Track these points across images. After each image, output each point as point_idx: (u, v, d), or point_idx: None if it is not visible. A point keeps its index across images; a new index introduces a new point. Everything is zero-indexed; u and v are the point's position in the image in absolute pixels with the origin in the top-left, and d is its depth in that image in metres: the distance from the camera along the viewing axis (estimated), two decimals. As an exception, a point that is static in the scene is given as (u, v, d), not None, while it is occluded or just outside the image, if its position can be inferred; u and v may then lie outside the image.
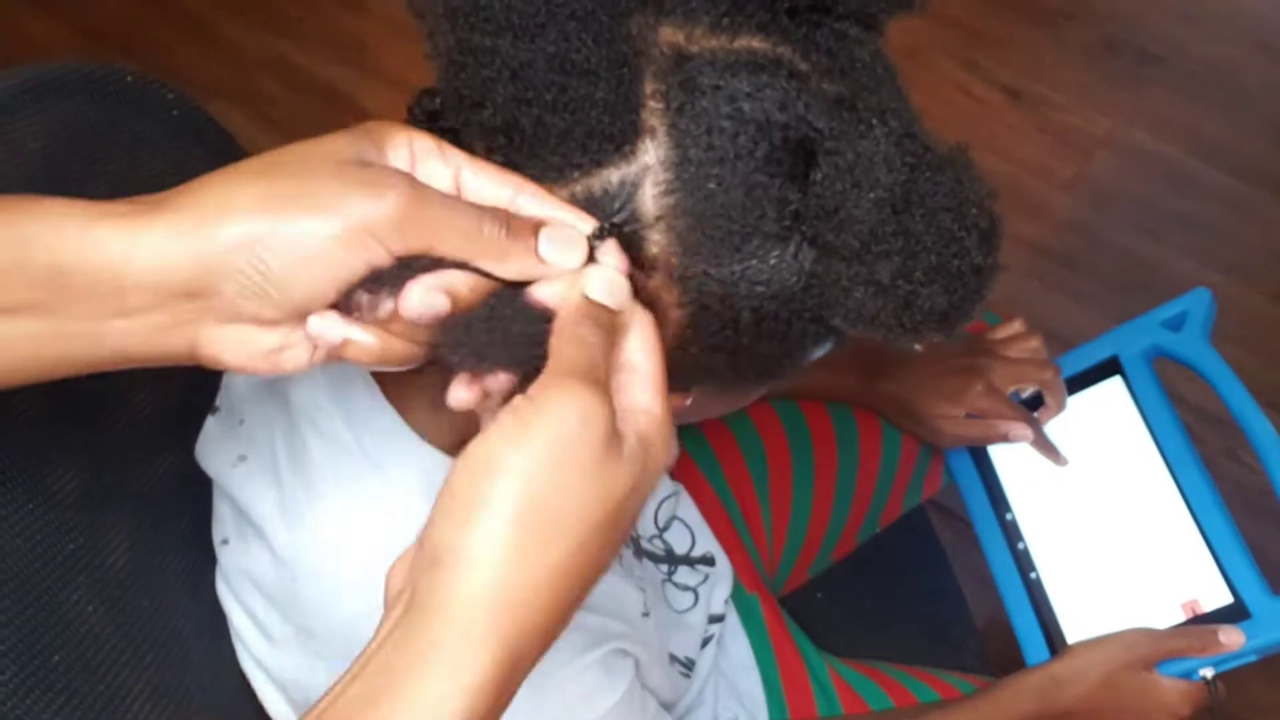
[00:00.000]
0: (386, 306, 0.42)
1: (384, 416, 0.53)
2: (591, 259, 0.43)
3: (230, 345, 0.42)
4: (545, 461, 0.38)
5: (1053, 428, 0.88)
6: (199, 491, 0.63)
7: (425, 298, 0.42)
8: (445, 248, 0.41)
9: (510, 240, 0.42)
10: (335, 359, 0.44)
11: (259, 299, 0.40)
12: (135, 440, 0.63)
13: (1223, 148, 1.66)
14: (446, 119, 0.47)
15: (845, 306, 0.45)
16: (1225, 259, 1.58)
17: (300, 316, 0.42)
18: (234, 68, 1.78)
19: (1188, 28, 1.77)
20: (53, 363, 0.42)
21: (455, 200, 0.42)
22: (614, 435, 0.40)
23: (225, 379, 0.63)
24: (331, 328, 0.42)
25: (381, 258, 0.40)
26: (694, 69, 0.43)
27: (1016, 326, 0.92)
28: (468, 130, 0.45)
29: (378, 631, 0.40)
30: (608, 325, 0.42)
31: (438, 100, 0.47)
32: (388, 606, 0.40)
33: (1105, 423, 0.86)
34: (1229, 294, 1.48)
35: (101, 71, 0.65)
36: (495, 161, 0.45)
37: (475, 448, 0.39)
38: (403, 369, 0.44)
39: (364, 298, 0.42)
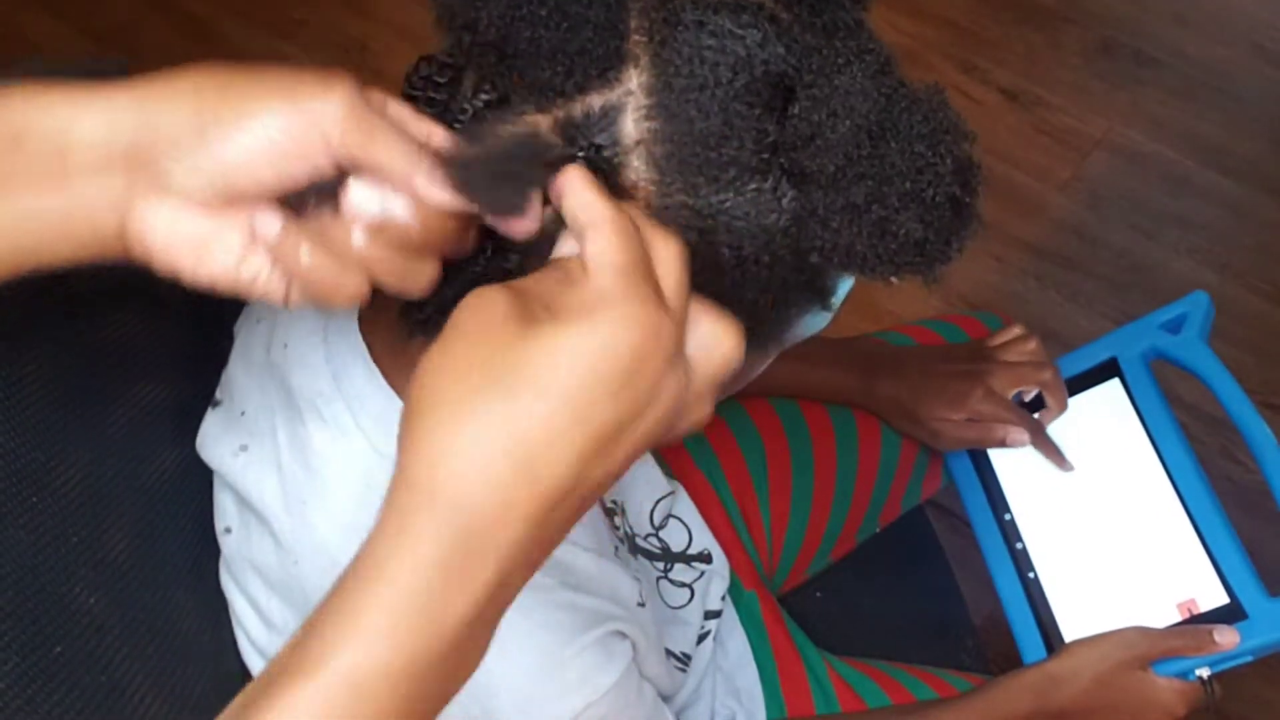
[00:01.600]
0: (332, 237, 0.42)
1: (383, 400, 0.54)
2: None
3: (160, 226, 0.41)
4: (461, 338, 0.39)
5: (1052, 429, 0.88)
6: (201, 485, 0.63)
7: (364, 194, 0.42)
8: (384, 158, 0.42)
9: None
10: (273, 291, 0.43)
11: (194, 170, 0.40)
12: (138, 434, 0.63)
13: (1218, 149, 1.66)
14: (441, 80, 0.48)
15: (824, 239, 0.46)
16: (1221, 259, 1.58)
17: (233, 201, 0.41)
18: (235, 70, 1.79)
19: (1183, 30, 1.78)
20: None
21: (400, 122, 0.43)
22: (523, 310, 0.40)
23: (226, 371, 0.63)
24: (269, 222, 0.42)
25: (320, 153, 0.41)
26: (678, 5, 0.44)
27: (1014, 331, 0.92)
28: (457, 53, 0.46)
29: None
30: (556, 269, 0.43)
31: (434, 65, 0.48)
32: None
33: (1103, 424, 0.87)
34: (1224, 294, 1.49)
35: (108, 69, 0.64)
36: (484, 92, 0.46)
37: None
38: (346, 308, 0.45)
39: (309, 207, 0.42)
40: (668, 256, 0.42)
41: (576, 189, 0.42)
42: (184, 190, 0.41)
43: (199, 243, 0.42)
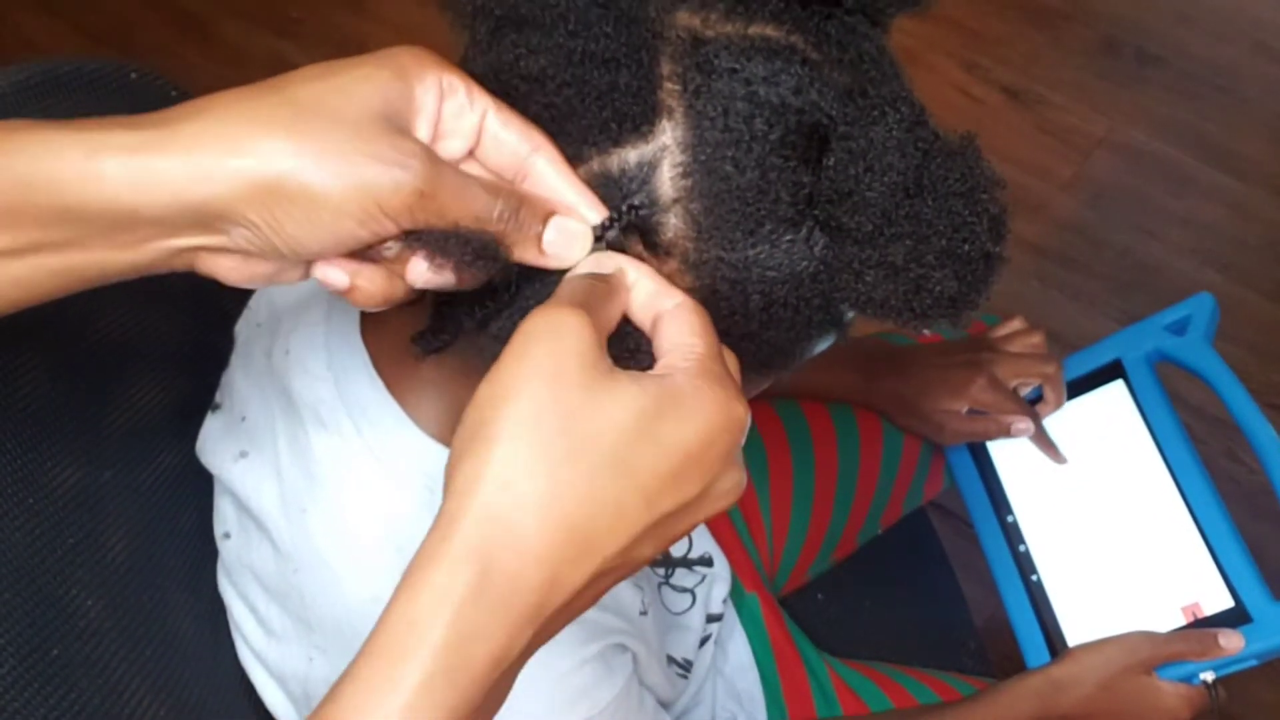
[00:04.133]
0: (391, 248, 0.42)
1: (386, 409, 0.53)
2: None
3: (230, 269, 0.42)
4: (539, 376, 0.38)
5: (1056, 429, 0.88)
6: (199, 487, 0.63)
7: (428, 275, 0.42)
8: (457, 221, 0.41)
9: (519, 229, 0.42)
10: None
11: (265, 249, 0.40)
12: (136, 436, 0.63)
13: (1221, 147, 1.66)
14: None
15: (857, 290, 0.45)
16: (1223, 258, 1.58)
17: (303, 262, 0.42)
18: (234, 68, 1.78)
19: (1186, 28, 1.77)
20: (63, 290, 0.42)
21: (470, 181, 0.42)
22: (601, 355, 0.39)
23: (225, 376, 0.63)
24: (337, 277, 0.42)
25: (390, 231, 0.40)
26: (710, 52, 0.43)
27: (1016, 324, 0.92)
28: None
29: None
30: (605, 284, 0.42)
31: None
32: None
33: (1108, 426, 0.86)
34: (1227, 293, 1.49)
35: (106, 68, 0.65)
36: None
37: (479, 387, 0.39)
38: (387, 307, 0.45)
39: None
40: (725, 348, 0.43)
41: (644, 280, 0.43)
42: (254, 257, 0.41)
43: (269, 276, 0.43)
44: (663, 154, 0.44)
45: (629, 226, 0.44)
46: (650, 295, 0.43)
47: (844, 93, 0.44)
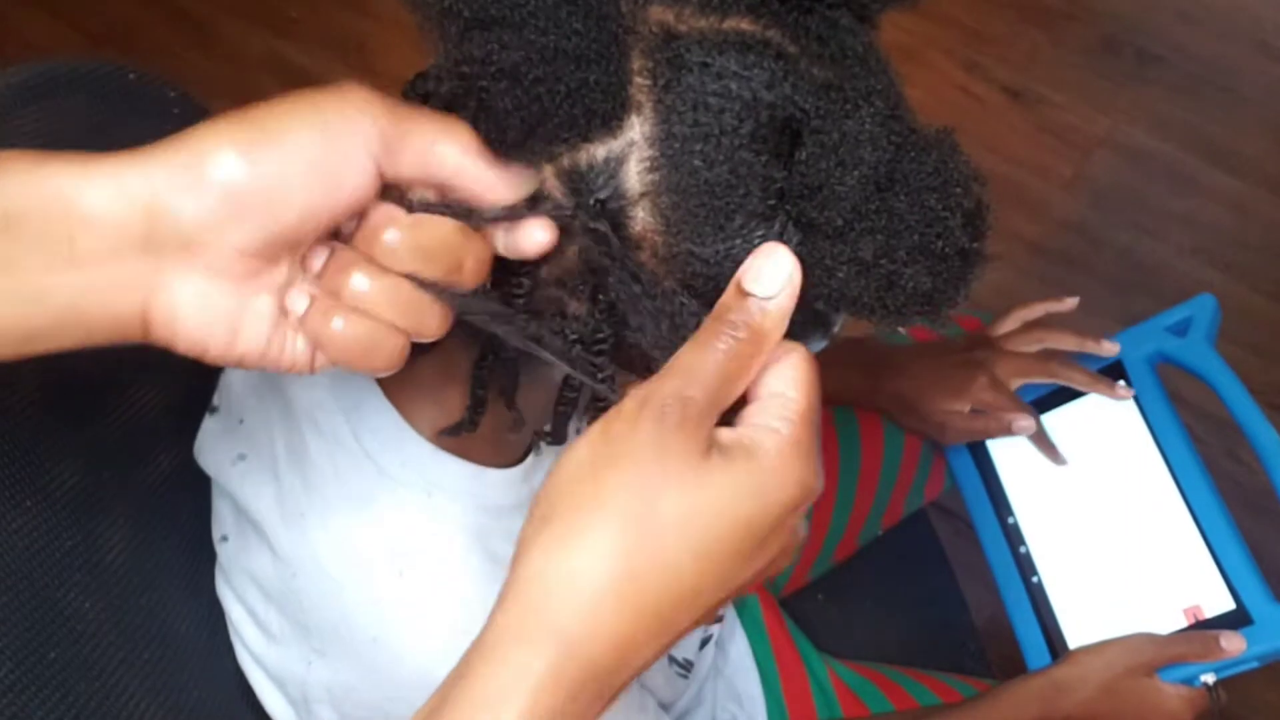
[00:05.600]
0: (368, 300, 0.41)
1: (384, 413, 0.53)
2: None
3: (190, 304, 0.38)
4: (630, 465, 0.38)
5: (1057, 431, 0.88)
6: (197, 490, 0.63)
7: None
8: (423, 141, 0.41)
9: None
10: (300, 362, 0.42)
11: (229, 217, 0.37)
12: (134, 438, 0.62)
13: (1222, 147, 1.66)
14: (439, 101, 0.46)
15: (829, 287, 0.45)
16: (1224, 258, 1.58)
17: (272, 252, 0.39)
18: (234, 68, 1.78)
19: (1187, 27, 1.77)
20: None
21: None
22: (697, 443, 0.39)
23: (223, 378, 0.62)
24: (297, 299, 0.40)
25: (362, 159, 0.39)
26: (682, 46, 0.43)
27: (1013, 322, 0.91)
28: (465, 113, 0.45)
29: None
30: (755, 331, 0.41)
31: (430, 83, 0.47)
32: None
33: (1109, 428, 0.86)
34: (1229, 294, 1.48)
35: (104, 70, 0.64)
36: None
37: (563, 459, 0.39)
38: (386, 371, 0.43)
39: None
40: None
41: (797, 371, 0.42)
42: (219, 246, 0.38)
43: (232, 317, 0.39)
44: (630, 149, 0.43)
45: (598, 217, 0.44)
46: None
47: (820, 87, 0.44)
